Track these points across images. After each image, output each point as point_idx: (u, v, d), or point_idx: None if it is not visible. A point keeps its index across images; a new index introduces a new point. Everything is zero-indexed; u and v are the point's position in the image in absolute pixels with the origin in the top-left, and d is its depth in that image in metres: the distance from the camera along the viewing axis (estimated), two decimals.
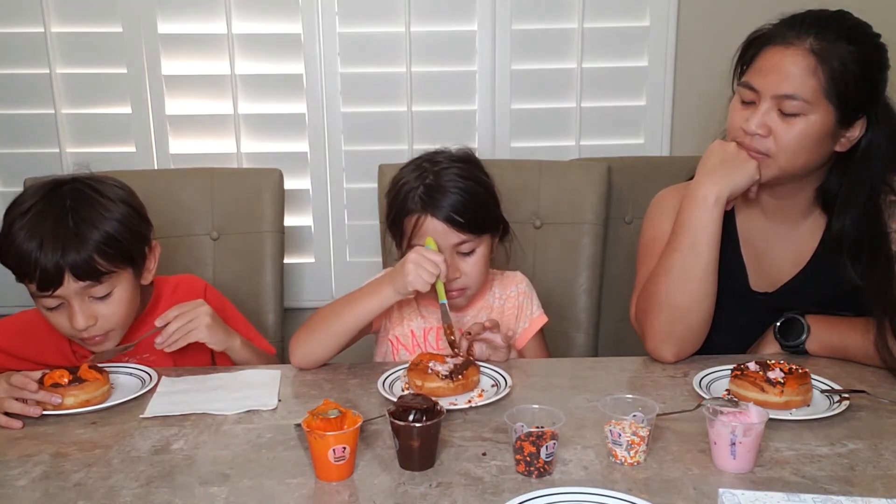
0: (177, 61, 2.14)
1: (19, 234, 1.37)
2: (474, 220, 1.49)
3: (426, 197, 1.48)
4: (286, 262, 2.06)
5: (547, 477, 1.06)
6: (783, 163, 1.37)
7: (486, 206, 1.53)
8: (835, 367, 1.41)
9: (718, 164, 1.40)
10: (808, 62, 1.32)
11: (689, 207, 1.42)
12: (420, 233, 1.48)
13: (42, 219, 1.38)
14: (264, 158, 2.18)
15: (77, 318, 1.39)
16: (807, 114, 1.33)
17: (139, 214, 1.49)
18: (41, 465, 1.12)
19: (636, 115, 2.24)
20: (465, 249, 1.51)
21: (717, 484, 1.03)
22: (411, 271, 1.39)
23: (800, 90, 1.32)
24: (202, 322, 1.43)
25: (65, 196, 1.41)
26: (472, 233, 1.49)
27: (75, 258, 1.36)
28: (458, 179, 1.49)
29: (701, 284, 1.41)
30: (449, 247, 1.49)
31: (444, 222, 1.47)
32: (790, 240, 1.50)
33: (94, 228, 1.39)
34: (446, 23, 2.15)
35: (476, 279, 1.54)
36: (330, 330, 1.44)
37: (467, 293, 1.55)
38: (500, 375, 1.39)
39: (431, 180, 1.49)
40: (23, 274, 1.38)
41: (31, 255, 1.35)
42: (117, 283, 1.44)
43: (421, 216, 1.48)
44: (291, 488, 1.05)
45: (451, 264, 1.48)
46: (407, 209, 1.50)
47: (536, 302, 1.65)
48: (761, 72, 1.37)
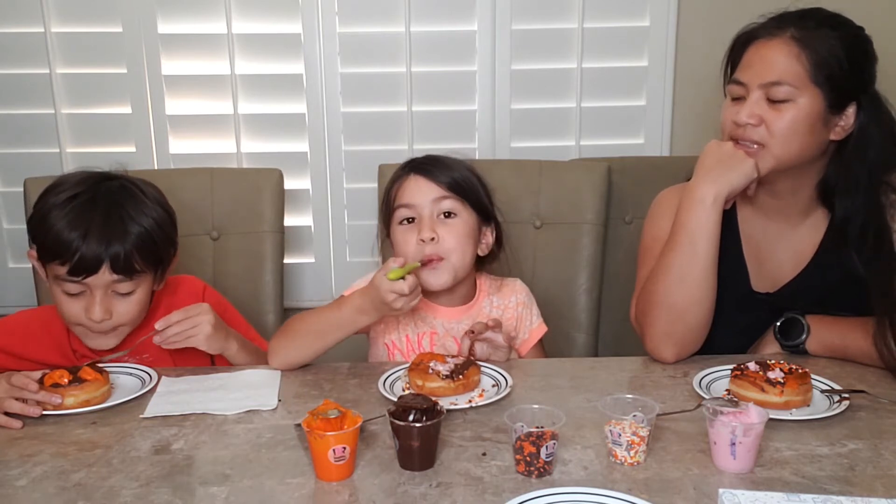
0: (177, 61, 2.14)
1: (63, 218, 1.40)
2: (458, 182, 1.50)
3: (411, 163, 1.53)
4: (286, 262, 2.06)
5: (547, 477, 1.06)
6: (777, 151, 1.37)
7: (475, 184, 1.54)
8: (835, 367, 1.41)
9: (715, 163, 1.40)
10: (790, 49, 1.35)
11: (687, 207, 1.42)
12: (402, 192, 1.50)
13: (91, 207, 1.41)
14: (264, 158, 2.18)
15: (95, 310, 1.41)
16: (795, 99, 1.35)
17: (171, 218, 1.53)
18: (41, 465, 1.12)
19: (636, 115, 2.24)
20: (446, 207, 1.49)
21: (717, 484, 1.03)
22: (386, 295, 1.33)
23: (785, 76, 1.34)
24: (203, 331, 1.43)
25: (114, 189, 1.46)
26: (454, 192, 1.49)
27: (118, 251, 1.40)
28: (448, 157, 1.54)
29: (700, 284, 1.41)
30: (429, 203, 1.48)
31: (426, 177, 1.50)
32: (791, 240, 1.50)
33: (137, 224, 1.43)
34: (446, 23, 2.15)
35: (454, 248, 1.48)
36: (307, 342, 1.45)
37: (445, 265, 1.48)
38: (501, 375, 1.39)
39: (419, 157, 1.54)
40: (57, 256, 1.39)
41: (74, 240, 1.38)
42: (141, 283, 1.46)
43: (404, 176, 1.51)
44: (291, 488, 1.05)
45: (430, 226, 1.47)
46: (392, 181, 1.53)
47: (536, 311, 1.64)
48: (747, 66, 1.40)
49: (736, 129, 1.40)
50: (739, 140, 1.40)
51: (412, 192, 1.49)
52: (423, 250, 1.46)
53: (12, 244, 2.20)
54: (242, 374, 1.45)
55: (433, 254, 1.47)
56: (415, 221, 1.50)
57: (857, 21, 1.41)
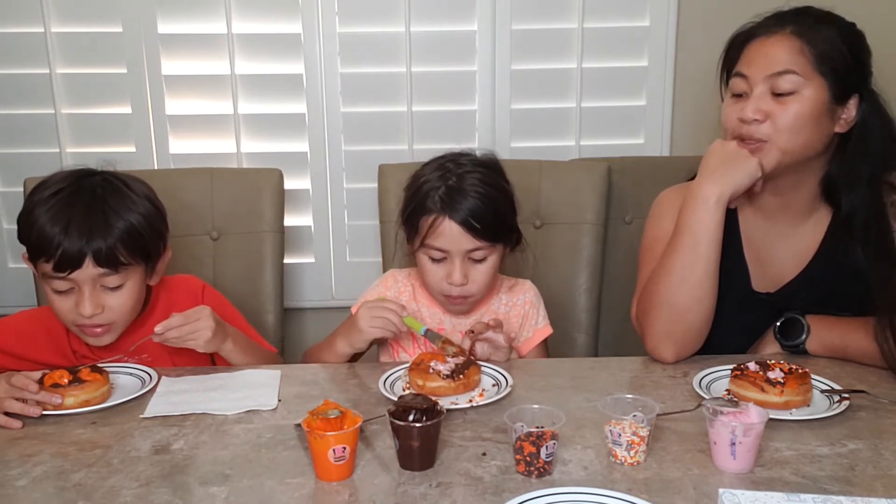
0: (177, 61, 2.14)
1: (44, 214, 1.39)
2: (491, 227, 1.48)
3: (447, 198, 1.47)
4: (286, 262, 2.06)
5: (547, 477, 1.06)
6: (783, 144, 1.37)
7: (504, 215, 1.52)
8: (835, 367, 1.41)
9: (719, 163, 1.40)
10: (792, 43, 1.37)
11: (690, 207, 1.42)
12: (436, 234, 1.48)
13: (72, 202, 1.41)
14: (264, 158, 2.18)
15: (85, 305, 1.41)
16: (800, 90, 1.35)
17: (160, 213, 1.53)
18: (41, 465, 1.12)
19: (636, 115, 2.24)
20: (477, 256, 1.50)
21: (717, 484, 1.03)
22: (365, 326, 1.45)
23: (790, 65, 1.36)
24: (202, 336, 1.42)
25: (96, 184, 1.45)
26: (486, 240, 1.49)
27: (100, 244, 1.39)
28: (480, 185, 1.48)
29: (701, 284, 1.41)
30: (462, 252, 1.48)
31: (461, 226, 1.46)
32: (793, 239, 1.50)
33: (121, 218, 1.42)
34: (446, 23, 2.15)
35: (482, 287, 1.53)
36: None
37: (471, 300, 1.55)
38: (501, 375, 1.39)
39: (454, 182, 1.48)
40: (41, 253, 1.39)
41: (56, 236, 1.37)
42: (130, 276, 1.45)
43: (439, 217, 1.47)
44: (291, 488, 1.05)
45: (461, 270, 1.49)
46: (426, 208, 1.49)
47: (543, 312, 1.65)
48: (749, 62, 1.41)
49: (741, 127, 1.40)
50: (744, 138, 1.40)
51: (446, 240, 1.48)
52: (450, 290, 1.51)
53: (12, 244, 2.20)
54: (242, 374, 1.45)
55: (459, 294, 1.52)
56: (444, 260, 1.50)
57: (856, 22, 1.42)
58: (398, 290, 1.62)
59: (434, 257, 1.51)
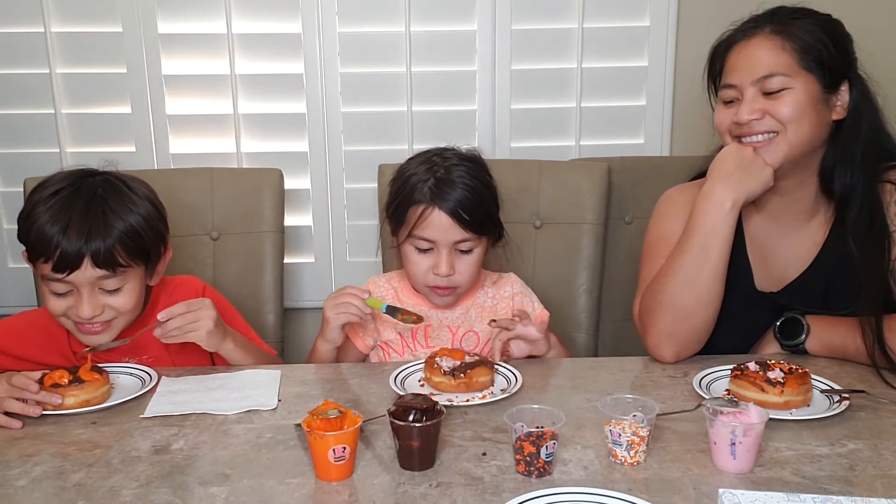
0: (177, 61, 2.14)
1: (44, 214, 1.39)
2: (478, 219, 1.50)
3: (436, 189, 1.48)
4: (286, 262, 2.06)
5: (547, 477, 1.06)
6: (791, 135, 1.38)
7: (490, 208, 1.54)
8: (835, 367, 1.41)
9: (735, 168, 1.40)
10: (773, 42, 1.38)
11: (703, 210, 1.41)
12: (424, 224, 1.49)
13: (71, 203, 1.40)
14: (264, 158, 2.18)
15: (84, 307, 1.40)
16: (790, 87, 1.36)
17: (160, 214, 1.52)
18: (41, 465, 1.12)
19: (636, 115, 2.23)
20: (464, 247, 1.51)
21: (717, 484, 1.03)
22: (331, 315, 1.48)
23: (775, 67, 1.36)
24: (204, 326, 1.43)
25: (96, 185, 1.45)
26: (473, 231, 1.50)
27: (99, 245, 1.38)
28: (467, 177, 1.50)
29: (708, 287, 1.41)
30: (449, 242, 1.49)
31: (450, 216, 1.47)
32: (796, 239, 1.50)
33: (121, 219, 1.42)
34: (446, 23, 2.15)
35: (468, 279, 1.55)
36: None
37: (457, 292, 1.56)
38: (514, 375, 1.39)
39: (442, 174, 1.50)
40: (40, 253, 1.39)
41: (54, 236, 1.37)
42: (129, 278, 1.45)
43: (428, 207, 1.48)
44: (291, 488, 1.05)
45: (448, 261, 1.50)
46: (414, 199, 1.50)
47: (536, 299, 1.66)
48: (734, 69, 1.42)
49: (740, 129, 1.40)
50: (747, 136, 1.40)
51: (434, 230, 1.49)
52: (436, 280, 1.52)
53: (12, 244, 2.20)
54: (242, 374, 1.45)
55: (446, 286, 1.52)
56: (431, 251, 1.51)
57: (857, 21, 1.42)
58: (381, 294, 1.63)
59: (421, 247, 1.51)
